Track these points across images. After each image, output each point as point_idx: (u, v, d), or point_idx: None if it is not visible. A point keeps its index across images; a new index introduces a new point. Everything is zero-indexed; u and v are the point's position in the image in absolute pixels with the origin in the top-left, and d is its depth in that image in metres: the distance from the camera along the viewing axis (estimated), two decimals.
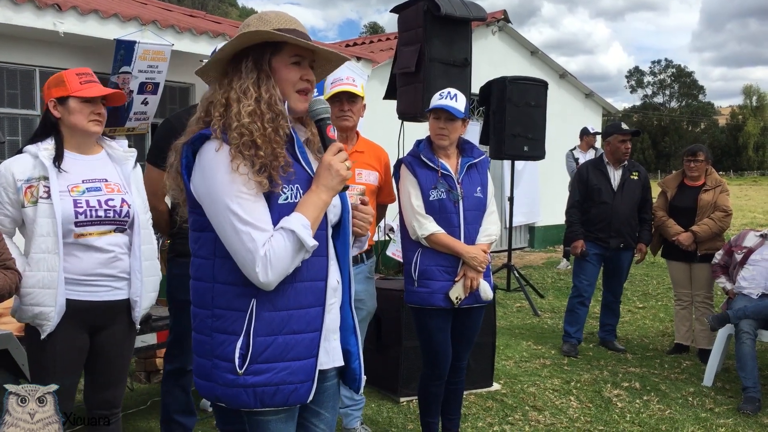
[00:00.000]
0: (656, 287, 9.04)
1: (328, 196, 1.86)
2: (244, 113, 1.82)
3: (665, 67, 79.79)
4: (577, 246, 5.77)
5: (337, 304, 2.00)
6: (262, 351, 1.83)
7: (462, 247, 3.44)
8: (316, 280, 1.90)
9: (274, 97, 1.86)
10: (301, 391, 1.87)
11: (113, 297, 2.81)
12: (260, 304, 1.83)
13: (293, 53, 1.90)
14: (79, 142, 2.82)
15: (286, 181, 1.84)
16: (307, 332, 1.87)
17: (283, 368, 1.84)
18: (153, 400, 4.42)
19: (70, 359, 2.77)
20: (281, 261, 1.77)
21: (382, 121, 7.02)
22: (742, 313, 4.80)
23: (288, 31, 1.88)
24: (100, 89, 2.80)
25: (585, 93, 14.56)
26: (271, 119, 1.84)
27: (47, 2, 6.37)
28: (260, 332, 1.82)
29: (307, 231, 1.80)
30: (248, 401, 1.84)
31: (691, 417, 4.41)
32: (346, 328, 2.04)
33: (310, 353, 1.88)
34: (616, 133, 5.78)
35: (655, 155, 70.56)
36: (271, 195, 1.82)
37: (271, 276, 1.78)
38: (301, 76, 1.91)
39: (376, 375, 4.62)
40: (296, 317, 1.86)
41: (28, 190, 2.68)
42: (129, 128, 7.24)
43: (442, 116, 3.48)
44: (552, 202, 12.50)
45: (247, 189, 1.79)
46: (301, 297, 1.86)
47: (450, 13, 5.80)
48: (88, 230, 2.72)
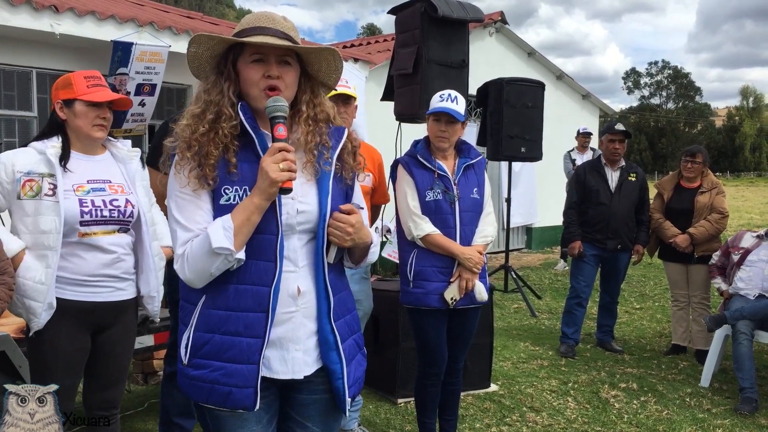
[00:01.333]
0: (653, 288, 9.05)
1: (259, 198, 1.79)
2: (186, 116, 1.88)
3: (662, 68, 79.88)
4: (574, 247, 5.78)
5: (300, 314, 1.90)
6: (201, 346, 1.86)
7: (457, 248, 3.45)
8: (259, 285, 1.85)
9: (225, 98, 1.88)
10: (239, 396, 1.84)
11: (116, 297, 2.82)
12: (206, 300, 1.87)
13: (252, 51, 1.88)
14: (83, 143, 2.85)
15: (229, 182, 1.84)
16: (245, 336, 1.84)
17: (218, 367, 1.84)
18: (150, 402, 4.41)
19: (71, 360, 2.78)
20: (196, 260, 1.80)
21: (379, 123, 7.03)
22: (739, 313, 4.80)
23: (251, 29, 1.88)
24: (107, 94, 2.82)
25: (582, 94, 14.58)
26: (213, 120, 1.86)
27: (44, 4, 6.37)
28: (200, 327, 1.87)
29: (225, 233, 1.77)
30: (190, 392, 1.90)
31: (688, 418, 4.41)
32: (324, 342, 1.93)
33: (248, 359, 1.84)
34: (607, 132, 5.84)
35: (652, 156, 70.59)
36: (214, 196, 1.85)
37: (189, 274, 1.82)
38: (263, 73, 1.88)
39: (373, 376, 4.61)
40: (234, 319, 1.84)
41: (27, 182, 2.69)
42: (126, 130, 7.23)
43: (443, 119, 3.48)
44: (549, 203, 12.51)
45: (181, 188, 1.85)
46: (240, 299, 1.84)
47: (447, 15, 5.80)
48: (92, 230, 2.74)
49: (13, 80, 7.02)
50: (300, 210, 1.89)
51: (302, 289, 1.90)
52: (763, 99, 78.14)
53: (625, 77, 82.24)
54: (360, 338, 2.09)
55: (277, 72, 1.87)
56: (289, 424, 2.02)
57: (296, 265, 1.90)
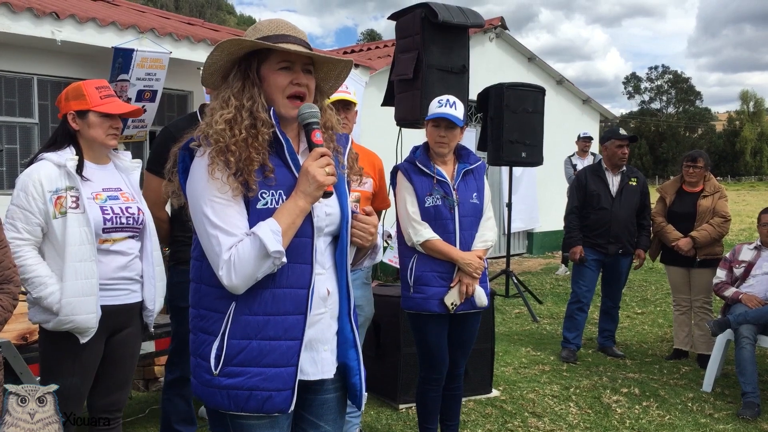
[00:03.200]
0: (655, 293, 9.03)
1: (305, 202, 1.83)
2: (220, 121, 1.87)
3: (662, 73, 79.90)
4: (575, 252, 5.77)
5: (328, 314, 1.96)
6: (236, 354, 1.84)
7: (457, 253, 3.44)
8: (297, 288, 1.87)
9: (257, 104, 1.89)
10: (277, 400, 1.85)
11: (130, 300, 2.88)
12: (238, 307, 1.85)
13: (280, 59, 1.90)
14: (95, 153, 2.89)
15: (266, 187, 1.85)
16: (284, 340, 1.85)
17: (256, 373, 1.84)
18: (151, 408, 4.40)
19: (89, 364, 2.81)
20: (245, 265, 1.78)
21: (380, 128, 7.04)
22: (742, 318, 4.80)
23: (276, 37, 1.89)
24: (121, 106, 2.88)
25: (582, 99, 14.60)
26: (250, 126, 1.86)
27: (45, 11, 6.39)
28: (235, 335, 1.84)
29: (274, 236, 1.78)
30: (223, 402, 1.86)
31: (690, 422, 4.40)
32: (345, 341, 2.00)
33: (287, 361, 1.86)
34: (614, 138, 5.80)
35: (653, 161, 70.58)
36: (251, 200, 1.84)
37: (236, 280, 1.79)
38: (290, 80, 1.91)
39: (374, 381, 4.61)
40: (273, 323, 1.85)
41: (57, 201, 2.70)
42: (127, 136, 7.24)
43: (442, 124, 3.49)
44: (550, 208, 12.52)
45: (221, 193, 1.82)
46: (279, 303, 1.85)
47: (447, 20, 5.82)
48: (112, 236, 2.80)
49: (15, 87, 7.03)
50: (327, 213, 1.95)
51: (330, 291, 1.95)
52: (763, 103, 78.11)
53: (626, 82, 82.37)
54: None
55: (305, 80, 1.92)
56: (302, 426, 2.03)
57: (323, 267, 1.95)
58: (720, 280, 5.33)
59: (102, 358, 2.87)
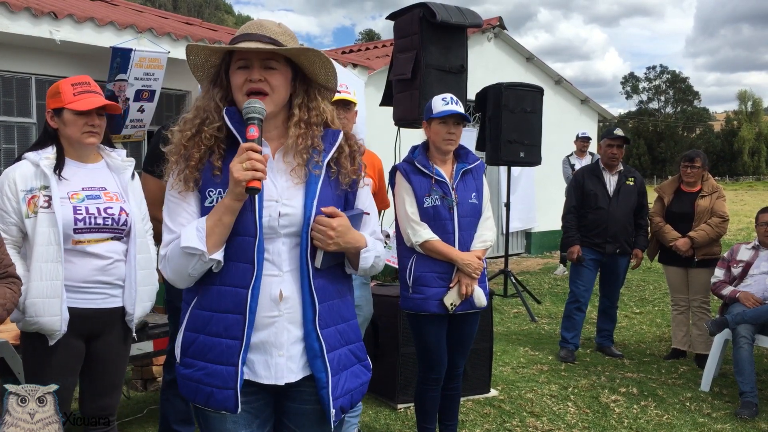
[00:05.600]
0: (653, 292, 9.04)
1: (230, 199, 1.81)
2: (179, 122, 1.96)
3: (660, 73, 79.97)
4: (573, 251, 5.78)
5: (284, 319, 1.87)
6: (189, 346, 1.92)
7: (456, 253, 3.44)
8: (238, 287, 1.85)
9: (212, 103, 1.93)
10: (219, 397, 1.85)
11: (109, 304, 2.80)
12: (196, 301, 1.92)
13: (237, 58, 1.90)
14: (78, 151, 2.83)
15: (213, 184, 1.89)
16: (224, 338, 1.86)
17: (202, 367, 1.88)
18: (149, 408, 4.40)
19: (66, 366, 2.77)
20: (173, 261, 1.86)
21: (378, 128, 7.04)
22: (740, 317, 4.81)
23: (238, 37, 1.90)
24: (93, 101, 2.77)
25: (581, 99, 14.60)
26: (199, 124, 1.92)
27: (43, 10, 6.38)
28: (189, 327, 1.92)
29: (197, 234, 1.81)
30: (183, 391, 1.93)
31: (688, 422, 4.41)
32: (309, 350, 1.89)
33: (227, 360, 1.85)
34: (606, 137, 5.88)
35: (651, 161, 70.63)
36: (201, 198, 1.90)
37: (170, 274, 1.89)
38: (245, 78, 1.88)
39: (373, 381, 4.59)
40: (215, 320, 1.87)
41: (31, 200, 2.68)
42: (125, 135, 7.23)
43: (450, 121, 3.49)
44: (548, 208, 12.52)
45: (171, 193, 1.93)
46: (221, 300, 1.87)
47: (446, 20, 5.82)
48: (86, 237, 2.73)
49: (12, 87, 7.02)
50: (283, 213, 1.88)
51: (285, 294, 1.87)
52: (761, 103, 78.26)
53: (624, 82, 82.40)
54: (359, 349, 2.04)
55: (258, 76, 1.87)
56: (282, 430, 2.02)
57: (280, 269, 1.88)
58: (718, 279, 5.34)
59: (87, 363, 2.84)
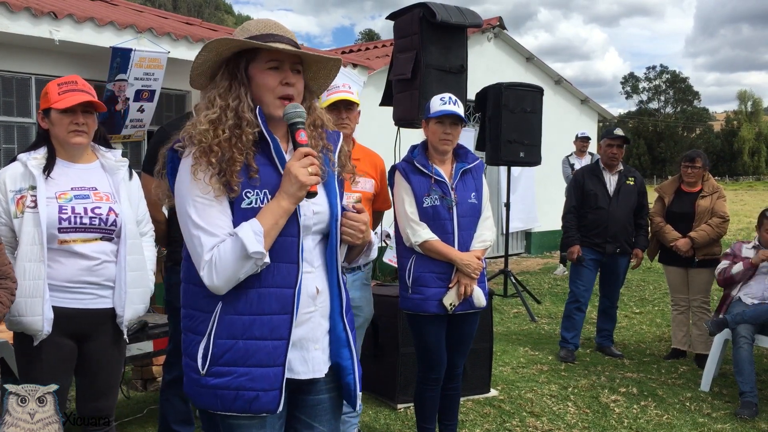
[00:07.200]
0: (653, 292, 9.04)
1: (288, 202, 1.82)
2: (204, 121, 1.86)
3: (660, 73, 79.93)
4: (573, 251, 5.77)
5: (318, 313, 1.95)
6: (222, 354, 1.84)
7: (455, 253, 3.44)
8: (283, 287, 1.86)
9: (243, 104, 1.88)
10: (264, 400, 1.84)
11: (98, 305, 2.79)
12: (224, 307, 1.84)
13: (269, 58, 1.89)
14: (68, 151, 2.83)
15: (250, 186, 1.85)
16: (271, 339, 1.85)
17: (243, 373, 1.83)
18: (149, 408, 4.40)
19: (56, 366, 2.76)
20: (226, 266, 1.78)
21: (378, 128, 7.03)
22: (740, 317, 4.81)
23: (264, 36, 1.88)
24: (75, 98, 2.75)
25: (580, 99, 14.60)
26: (234, 126, 1.86)
27: (43, 10, 6.38)
28: (221, 335, 1.84)
29: (256, 237, 1.77)
30: (210, 402, 1.86)
31: (688, 422, 4.41)
32: (337, 340, 1.98)
33: (274, 361, 1.85)
34: (605, 137, 5.89)
35: (651, 161, 70.61)
36: (235, 199, 1.84)
37: (217, 281, 1.79)
38: (280, 80, 1.89)
39: (373, 381, 4.62)
40: (259, 323, 1.84)
41: (20, 200, 2.69)
42: (125, 135, 7.23)
43: (447, 121, 3.48)
44: (548, 208, 12.52)
45: (203, 193, 1.82)
46: (264, 303, 1.85)
47: (446, 20, 5.82)
48: (71, 237, 2.71)
49: (12, 87, 7.02)
50: (315, 211, 1.94)
51: (320, 289, 1.94)
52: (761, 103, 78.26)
53: (624, 82, 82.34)
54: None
55: (293, 79, 1.90)
56: (296, 427, 2.03)
57: (312, 265, 1.94)
58: (723, 267, 5.31)
59: (80, 365, 2.84)
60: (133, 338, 3.75)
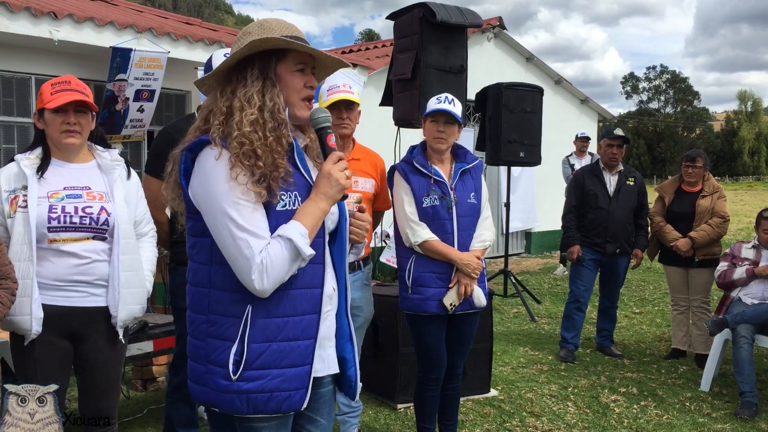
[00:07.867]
0: (653, 292, 9.04)
1: (327, 204, 1.86)
2: (245, 122, 1.81)
3: (660, 73, 79.92)
4: (573, 251, 5.77)
5: (333, 311, 2.00)
6: (257, 357, 1.83)
7: (455, 253, 3.44)
8: (312, 288, 1.90)
9: (278, 105, 1.86)
10: (295, 399, 1.88)
11: (90, 303, 2.77)
12: (255, 310, 1.83)
13: (298, 60, 1.90)
14: (63, 151, 2.83)
15: (283, 189, 1.84)
16: (302, 339, 1.87)
17: (277, 375, 1.84)
18: (149, 408, 4.40)
19: (50, 365, 2.75)
20: (277, 269, 1.78)
21: (378, 128, 7.03)
22: (740, 317, 4.81)
23: (292, 38, 1.88)
24: (66, 97, 2.73)
25: (580, 99, 14.60)
26: (274, 128, 1.83)
27: (43, 10, 6.38)
28: (255, 339, 1.83)
29: (304, 240, 1.80)
30: (241, 407, 1.85)
31: (688, 422, 4.41)
32: (342, 335, 2.05)
33: (304, 360, 1.88)
34: (605, 137, 5.89)
35: (651, 160, 70.60)
36: (270, 201, 1.83)
37: (267, 284, 1.78)
38: (305, 83, 1.92)
39: (373, 381, 4.62)
40: (291, 324, 1.86)
41: (13, 200, 2.71)
42: (125, 135, 7.23)
43: (441, 119, 3.48)
44: (548, 208, 12.52)
45: (246, 197, 1.79)
46: (296, 304, 1.86)
47: (446, 20, 5.82)
48: (61, 236, 2.71)
49: (12, 87, 7.02)
50: (332, 212, 1.97)
51: (334, 288, 2.00)
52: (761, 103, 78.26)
53: (624, 82, 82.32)
54: None
55: (314, 82, 1.94)
56: (299, 422, 2.04)
57: (329, 265, 1.99)
58: (723, 269, 5.31)
59: (78, 365, 2.84)
60: (133, 338, 3.74)
